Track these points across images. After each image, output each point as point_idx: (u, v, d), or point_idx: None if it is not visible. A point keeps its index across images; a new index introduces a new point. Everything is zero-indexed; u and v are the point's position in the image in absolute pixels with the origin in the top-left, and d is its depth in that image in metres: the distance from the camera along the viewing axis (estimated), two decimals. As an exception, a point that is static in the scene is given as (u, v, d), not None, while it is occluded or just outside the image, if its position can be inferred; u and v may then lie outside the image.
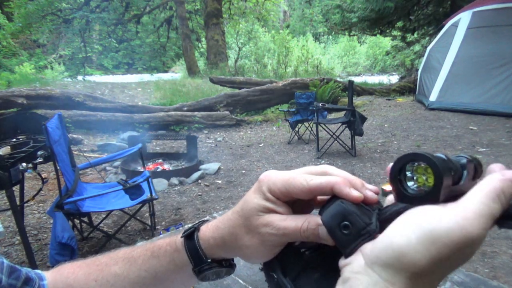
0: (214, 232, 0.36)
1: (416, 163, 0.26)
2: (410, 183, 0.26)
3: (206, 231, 0.37)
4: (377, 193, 0.31)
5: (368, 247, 0.26)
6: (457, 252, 0.23)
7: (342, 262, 0.27)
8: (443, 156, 0.27)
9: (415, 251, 0.23)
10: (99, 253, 0.44)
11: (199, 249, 0.36)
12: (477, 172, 0.30)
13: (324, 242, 0.30)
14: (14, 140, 2.39)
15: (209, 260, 0.36)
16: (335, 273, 0.28)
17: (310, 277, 0.30)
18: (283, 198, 0.32)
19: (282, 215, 0.32)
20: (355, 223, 0.27)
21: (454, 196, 0.26)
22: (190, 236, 0.37)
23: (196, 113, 6.77)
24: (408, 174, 0.27)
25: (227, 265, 0.38)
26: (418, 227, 0.23)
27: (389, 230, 0.25)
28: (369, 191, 0.30)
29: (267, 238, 0.32)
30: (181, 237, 0.38)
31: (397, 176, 0.26)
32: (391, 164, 0.28)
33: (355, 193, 0.29)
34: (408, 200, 0.26)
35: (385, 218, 0.28)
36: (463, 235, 0.22)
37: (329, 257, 0.29)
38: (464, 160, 0.29)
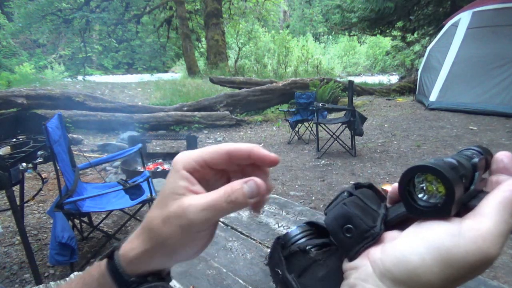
0: (133, 243, 0.32)
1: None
2: (420, 195, 0.25)
3: (126, 246, 0.33)
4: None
5: (377, 255, 0.25)
6: (473, 272, 0.22)
7: (346, 265, 0.27)
8: (454, 162, 0.26)
9: (431, 272, 0.22)
10: (99, 253, 0.44)
11: (119, 268, 0.32)
12: (488, 164, 0.28)
13: (252, 201, 0.28)
14: (14, 140, 2.39)
15: (132, 279, 0.32)
16: (340, 271, 0.28)
17: (315, 275, 0.30)
18: (199, 169, 0.30)
19: (199, 194, 0.29)
20: (358, 226, 0.27)
21: (465, 203, 0.25)
22: (111, 256, 0.33)
23: (196, 113, 6.77)
24: (417, 184, 0.26)
25: (157, 279, 0.33)
26: (433, 248, 0.22)
27: (401, 243, 0.24)
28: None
29: (190, 221, 0.28)
30: (100, 259, 0.34)
31: (406, 188, 0.26)
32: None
33: (272, 155, 0.30)
34: (418, 212, 0.25)
35: (392, 220, 0.28)
36: (482, 257, 0.21)
37: (335, 255, 0.29)
38: (476, 160, 0.27)
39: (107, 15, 16.27)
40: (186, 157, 0.30)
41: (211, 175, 0.31)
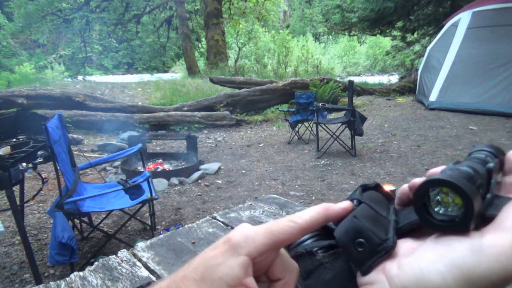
0: None
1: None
2: (436, 208, 0.24)
3: None
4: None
5: (394, 272, 0.24)
6: None
7: (361, 280, 0.26)
8: (470, 170, 0.24)
9: None
10: (99, 253, 0.43)
11: None
12: (501, 164, 0.27)
13: None
14: (14, 140, 2.39)
15: None
16: (348, 274, 0.27)
17: (322, 278, 0.29)
18: (261, 257, 0.25)
19: None
20: (370, 240, 0.26)
21: (482, 212, 0.24)
22: None
23: (196, 113, 6.77)
24: (433, 196, 0.25)
25: None
26: (454, 266, 0.21)
27: (419, 260, 0.23)
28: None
29: None
30: None
31: (421, 200, 0.25)
32: (416, 180, 0.26)
33: (345, 204, 0.27)
34: (434, 227, 0.24)
35: (404, 227, 0.27)
36: (505, 275, 0.20)
37: (342, 258, 0.29)
38: (491, 164, 0.26)
39: (107, 15, 16.26)
40: (251, 240, 0.25)
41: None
